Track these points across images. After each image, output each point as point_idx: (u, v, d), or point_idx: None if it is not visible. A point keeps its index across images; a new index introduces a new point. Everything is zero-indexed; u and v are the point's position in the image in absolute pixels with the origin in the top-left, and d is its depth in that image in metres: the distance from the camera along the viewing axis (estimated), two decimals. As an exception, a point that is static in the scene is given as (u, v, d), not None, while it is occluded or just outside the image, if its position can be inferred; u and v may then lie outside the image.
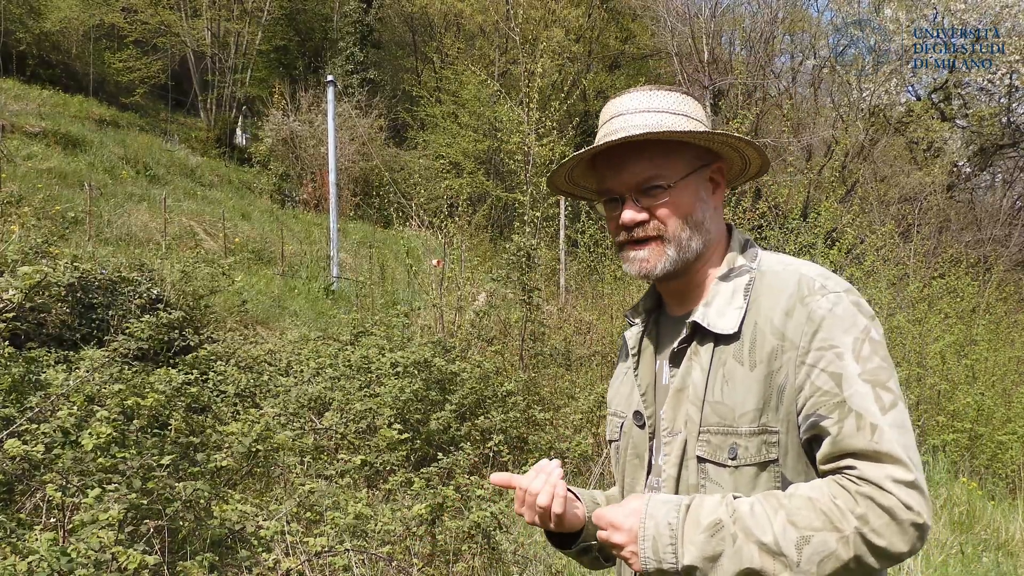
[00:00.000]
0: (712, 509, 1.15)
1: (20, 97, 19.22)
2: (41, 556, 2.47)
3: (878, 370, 1.16)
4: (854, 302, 1.21)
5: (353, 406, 5.14)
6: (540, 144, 9.58)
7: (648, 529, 1.16)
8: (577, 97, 16.36)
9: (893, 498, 1.08)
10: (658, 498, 1.20)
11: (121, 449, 3.32)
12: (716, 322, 1.27)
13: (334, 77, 15.88)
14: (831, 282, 1.23)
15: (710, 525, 1.13)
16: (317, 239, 16.35)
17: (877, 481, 1.09)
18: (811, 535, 1.09)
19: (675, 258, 1.31)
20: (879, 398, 1.14)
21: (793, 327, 1.19)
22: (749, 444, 1.21)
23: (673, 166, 1.30)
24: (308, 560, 3.19)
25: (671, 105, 1.34)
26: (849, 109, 17.68)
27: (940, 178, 16.70)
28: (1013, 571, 5.18)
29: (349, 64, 25.01)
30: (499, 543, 3.76)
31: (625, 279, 8.72)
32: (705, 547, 1.12)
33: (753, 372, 1.22)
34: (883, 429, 1.11)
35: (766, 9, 19.73)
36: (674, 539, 1.14)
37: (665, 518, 1.16)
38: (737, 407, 1.22)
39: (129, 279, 6.88)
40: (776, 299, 1.23)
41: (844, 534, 1.08)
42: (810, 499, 1.12)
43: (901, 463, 1.10)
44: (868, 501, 1.09)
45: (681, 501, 1.18)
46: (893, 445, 1.11)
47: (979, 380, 8.81)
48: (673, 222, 1.30)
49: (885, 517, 1.08)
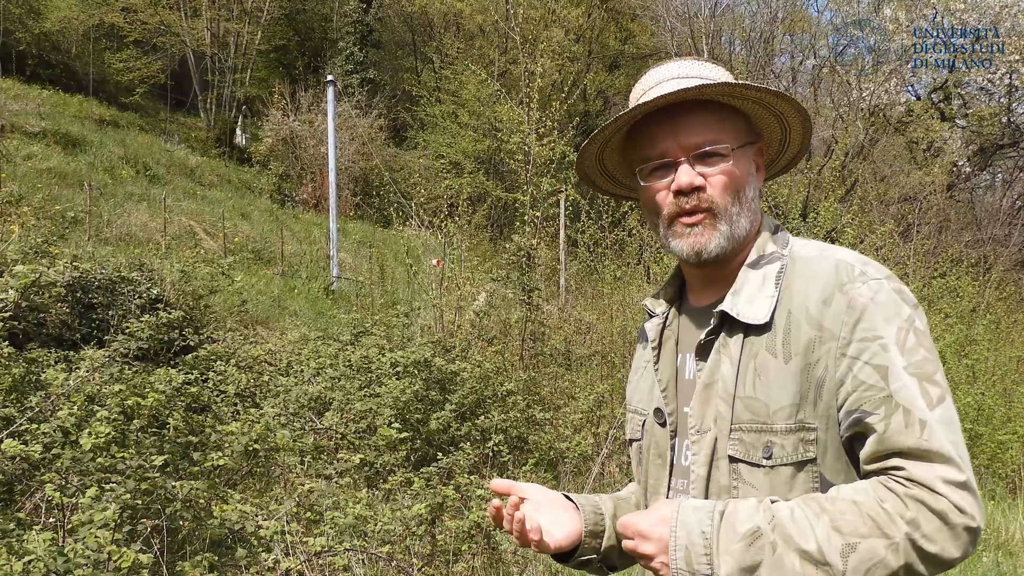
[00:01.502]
0: (749, 515, 1.07)
1: (20, 97, 19.22)
2: (38, 556, 2.46)
3: (924, 362, 1.09)
4: (896, 289, 1.13)
5: (353, 406, 5.14)
6: (540, 144, 9.58)
7: (680, 539, 1.08)
8: (577, 97, 16.38)
9: (945, 501, 1.01)
10: (689, 504, 1.12)
11: (121, 449, 3.32)
12: (746, 311, 1.18)
13: (334, 77, 15.88)
14: (871, 268, 1.15)
15: (747, 533, 1.05)
16: (317, 239, 16.35)
17: (928, 483, 1.02)
18: (858, 542, 1.02)
19: (728, 235, 1.22)
20: (926, 392, 1.07)
21: (832, 316, 1.12)
22: (785, 442, 1.14)
23: (730, 133, 1.23)
24: (308, 560, 3.18)
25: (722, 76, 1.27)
26: (849, 109, 17.68)
27: (940, 178, 16.69)
28: (1013, 571, 5.18)
29: (349, 64, 25.02)
30: (499, 543, 3.76)
31: (625, 279, 8.72)
32: (743, 557, 1.05)
33: (788, 365, 1.14)
34: (932, 425, 1.05)
35: (766, 9, 19.73)
36: (709, 549, 1.06)
37: (698, 526, 1.08)
38: (772, 402, 1.14)
39: (129, 279, 6.88)
40: (811, 286, 1.15)
41: (894, 540, 1.01)
42: (855, 503, 1.05)
43: (952, 462, 1.03)
44: (919, 505, 1.02)
45: (715, 508, 1.10)
46: (943, 443, 1.04)
47: (979, 380, 8.81)
48: (726, 195, 1.21)
49: (937, 522, 1.01)
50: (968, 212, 19.64)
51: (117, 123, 21.04)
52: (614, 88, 26.25)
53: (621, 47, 28.88)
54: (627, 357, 7.68)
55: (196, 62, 24.81)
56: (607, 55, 28.93)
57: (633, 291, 8.52)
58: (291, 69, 28.36)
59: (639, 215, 8.83)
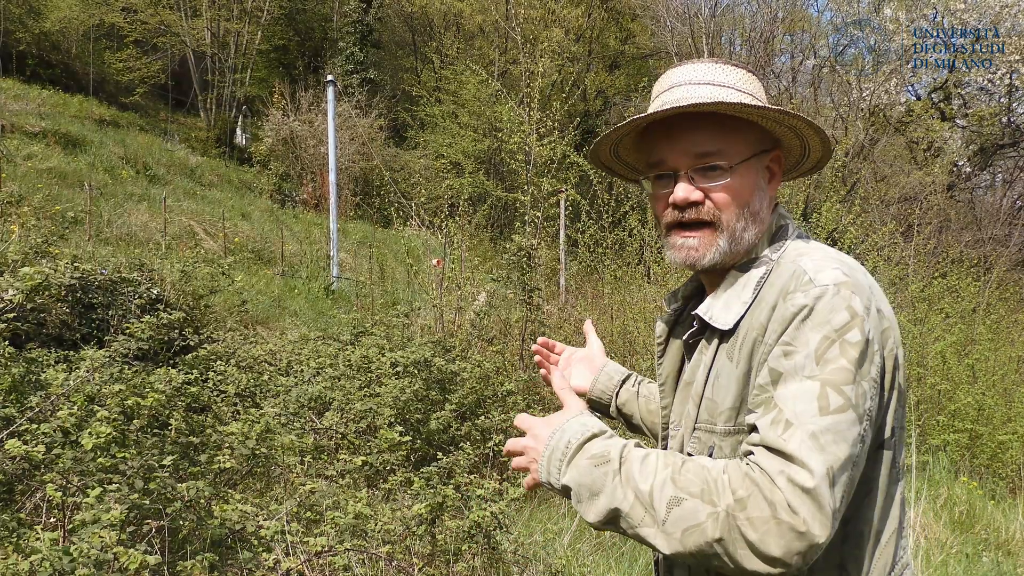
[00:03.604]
0: (609, 445, 1.10)
1: (20, 97, 19.22)
2: (43, 556, 2.47)
3: (838, 371, 1.04)
4: (844, 296, 1.09)
5: (353, 406, 5.14)
6: (541, 144, 9.59)
7: (552, 440, 1.14)
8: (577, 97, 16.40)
9: (780, 495, 0.98)
10: (580, 419, 1.16)
11: (121, 449, 3.32)
12: (718, 316, 1.20)
13: (334, 77, 15.89)
14: (823, 275, 1.12)
15: (596, 455, 1.09)
16: (317, 239, 16.35)
17: (770, 472, 1.00)
18: (684, 499, 1.02)
19: (726, 250, 1.22)
20: (823, 397, 1.03)
21: (772, 323, 1.12)
22: (723, 444, 1.16)
23: (735, 146, 1.21)
24: (308, 560, 3.18)
25: (737, 81, 1.26)
26: (849, 109, 17.68)
27: (940, 178, 16.69)
28: (1013, 571, 5.18)
29: (349, 64, 25.03)
30: (499, 543, 3.76)
31: (625, 279, 8.72)
32: (583, 475, 1.08)
33: (736, 369, 1.16)
34: (799, 428, 1.01)
35: (766, 9, 19.73)
36: (564, 456, 1.11)
37: (569, 436, 1.13)
38: (718, 404, 1.18)
39: (129, 279, 6.87)
40: (772, 293, 1.16)
41: (716, 509, 1.00)
42: (703, 467, 1.05)
43: (804, 466, 0.99)
44: (754, 488, 0.99)
45: (592, 429, 1.14)
46: (802, 446, 1.00)
47: (980, 380, 8.81)
48: (730, 209, 1.20)
49: (766, 510, 0.98)
50: (968, 212, 19.63)
51: (117, 123, 21.04)
52: (614, 88, 26.28)
53: (621, 47, 28.89)
54: (627, 357, 7.68)
55: (196, 62, 24.82)
56: (607, 55, 28.95)
57: (633, 291, 8.52)
58: (291, 69, 28.37)
59: (640, 215, 8.83)
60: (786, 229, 1.27)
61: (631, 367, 7.44)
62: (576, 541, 4.44)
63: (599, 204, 9.14)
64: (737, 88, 1.25)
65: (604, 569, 4.19)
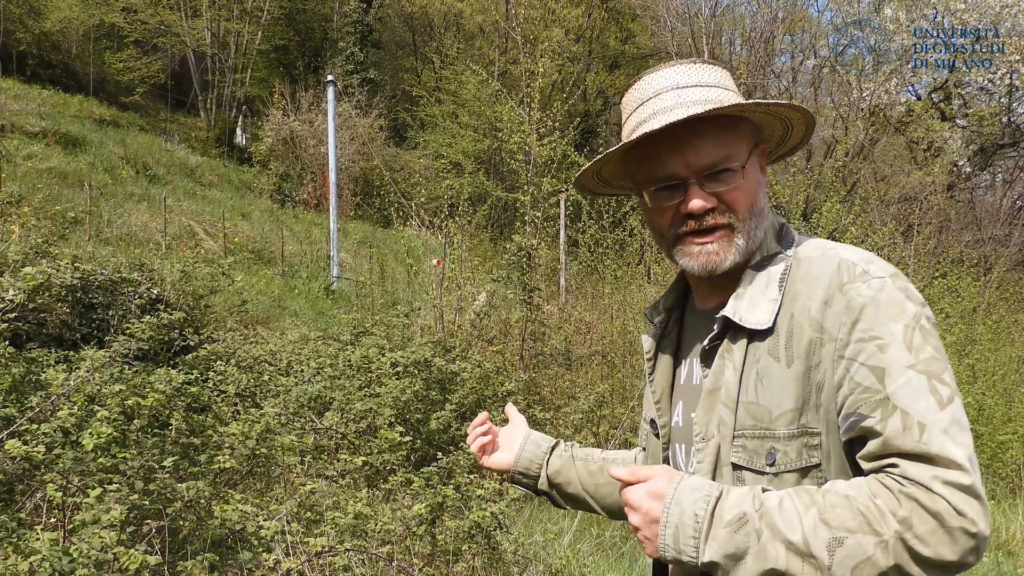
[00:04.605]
0: (737, 501, 1.05)
1: (20, 97, 19.22)
2: (43, 556, 2.47)
3: (931, 360, 1.04)
4: (901, 287, 1.09)
5: (353, 406, 5.14)
6: (541, 144, 9.59)
7: (672, 516, 1.06)
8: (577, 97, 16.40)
9: (943, 502, 0.96)
10: (688, 483, 1.08)
11: (122, 449, 3.32)
12: (748, 316, 1.16)
13: (334, 77, 15.89)
14: (874, 266, 1.11)
15: (734, 519, 1.03)
16: (317, 239, 16.36)
17: (924, 482, 0.97)
18: (845, 536, 0.98)
19: (744, 249, 1.19)
20: (934, 391, 1.02)
21: (832, 317, 1.08)
22: (788, 448, 1.11)
23: (738, 146, 1.19)
24: (308, 560, 3.18)
25: (720, 80, 1.22)
26: (849, 109, 17.68)
27: (940, 178, 16.69)
28: (1013, 571, 5.18)
29: (349, 64, 25.03)
30: (499, 543, 3.76)
31: (625, 279, 8.72)
32: (727, 543, 1.02)
33: (791, 369, 1.11)
34: (933, 428, 0.99)
35: (766, 9, 19.73)
36: (698, 532, 1.04)
37: (692, 507, 1.05)
38: (774, 407, 1.12)
39: (129, 279, 6.88)
40: (813, 287, 1.12)
41: (883, 538, 0.96)
42: (847, 497, 1.00)
43: (955, 465, 0.98)
44: (913, 503, 0.97)
45: (711, 492, 1.07)
46: (945, 446, 0.99)
47: (980, 380, 8.81)
48: (743, 210, 1.18)
49: (932, 522, 0.96)
50: (968, 212, 19.63)
51: (117, 123, 21.04)
52: (614, 88, 26.26)
53: (621, 47, 28.91)
54: (627, 357, 7.68)
55: (196, 62, 24.82)
56: (607, 55, 28.97)
57: (634, 291, 8.52)
58: (291, 69, 28.38)
59: (640, 216, 8.83)
60: (787, 227, 1.26)
61: (631, 367, 7.44)
62: (576, 541, 4.44)
63: (600, 204, 9.14)
64: (724, 87, 1.22)
65: (604, 569, 4.19)
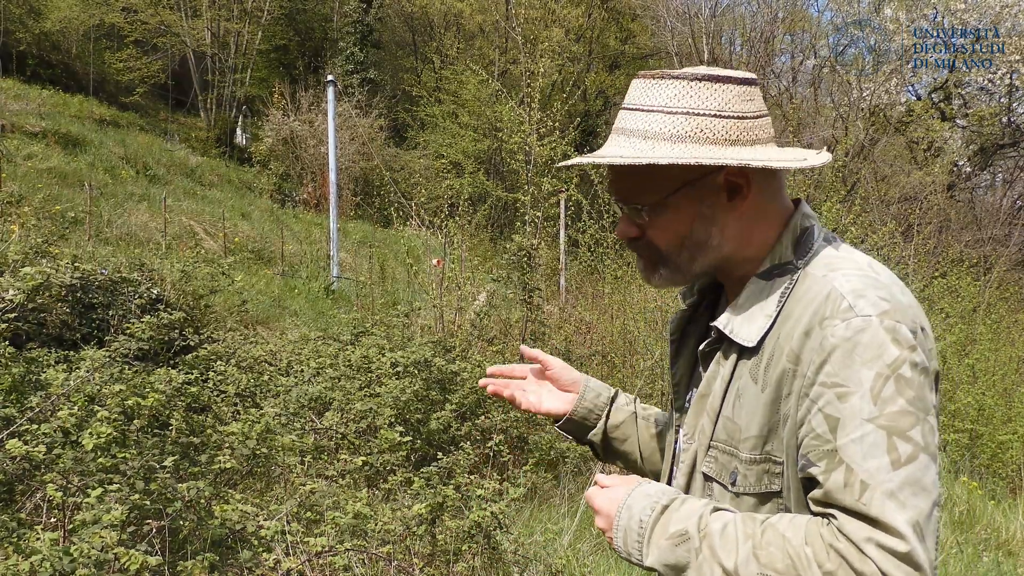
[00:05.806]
0: (684, 516, 1.07)
1: (20, 97, 19.23)
2: (44, 556, 2.47)
3: (900, 415, 0.97)
4: (889, 328, 1.00)
5: (353, 406, 5.14)
6: (541, 144, 9.59)
7: (622, 520, 1.11)
8: (578, 97, 16.43)
9: (872, 565, 0.93)
10: (642, 490, 1.13)
11: (122, 449, 3.32)
12: (740, 330, 1.13)
13: (334, 77, 15.90)
14: (864, 301, 1.02)
15: (676, 534, 1.06)
16: (317, 239, 16.36)
17: (858, 542, 0.94)
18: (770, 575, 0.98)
19: (670, 278, 1.19)
20: (891, 449, 0.96)
21: (807, 351, 1.04)
22: (748, 472, 1.11)
23: (653, 183, 1.13)
24: (308, 560, 3.19)
25: (668, 101, 1.12)
26: (849, 109, 17.69)
27: (940, 178, 16.69)
28: (1013, 571, 5.18)
29: (349, 64, 25.05)
30: (499, 543, 3.76)
31: (625, 279, 8.72)
32: (667, 554, 1.06)
33: (763, 394, 1.09)
34: (877, 489, 0.95)
35: (766, 9, 19.74)
36: (642, 538, 1.09)
37: (639, 514, 1.10)
38: (743, 429, 1.11)
39: (129, 279, 6.88)
40: (803, 312, 1.06)
41: None
42: (784, 537, 0.99)
43: (893, 531, 0.93)
44: (841, 560, 0.94)
45: (660, 500, 1.10)
46: (886, 509, 0.94)
47: (980, 380, 8.81)
48: (664, 243, 1.16)
49: None
50: (968, 212, 19.64)
51: (117, 123, 21.05)
52: (614, 88, 26.28)
53: (621, 47, 28.92)
54: (627, 357, 7.68)
55: (196, 62, 24.83)
56: (607, 55, 28.99)
57: (633, 291, 8.52)
58: (291, 69, 28.39)
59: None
60: (811, 232, 1.17)
61: (631, 367, 7.44)
62: (576, 541, 4.44)
63: (600, 204, 9.14)
64: (666, 110, 1.11)
65: (604, 569, 4.19)
